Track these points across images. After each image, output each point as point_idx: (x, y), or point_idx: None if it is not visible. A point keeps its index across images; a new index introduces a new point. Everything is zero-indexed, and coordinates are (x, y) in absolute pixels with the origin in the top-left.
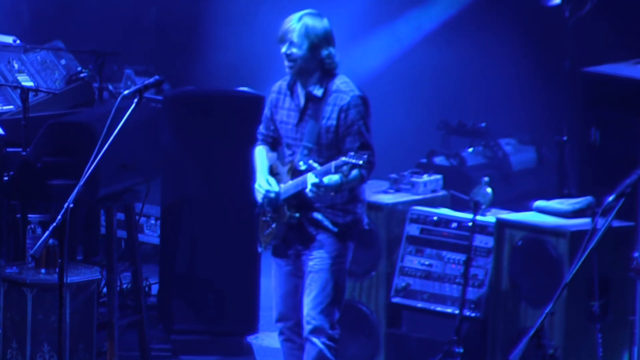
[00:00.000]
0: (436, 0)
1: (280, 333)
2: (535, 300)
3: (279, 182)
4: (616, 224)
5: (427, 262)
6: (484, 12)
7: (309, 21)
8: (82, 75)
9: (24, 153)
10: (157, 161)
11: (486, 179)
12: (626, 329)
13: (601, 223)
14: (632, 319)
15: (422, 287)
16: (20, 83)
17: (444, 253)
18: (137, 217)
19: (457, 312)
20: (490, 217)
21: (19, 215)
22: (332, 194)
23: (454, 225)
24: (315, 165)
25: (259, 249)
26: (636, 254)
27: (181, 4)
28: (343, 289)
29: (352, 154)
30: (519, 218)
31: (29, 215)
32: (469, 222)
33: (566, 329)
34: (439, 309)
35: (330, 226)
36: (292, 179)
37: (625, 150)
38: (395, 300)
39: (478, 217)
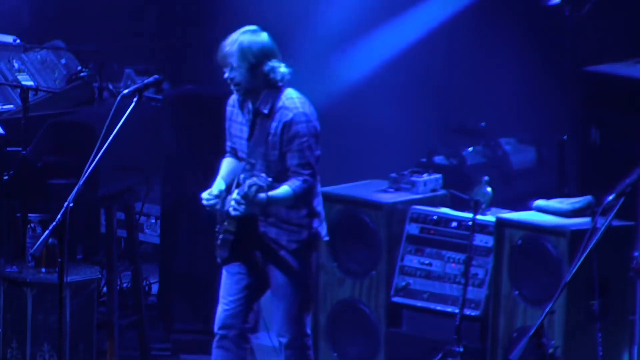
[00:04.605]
0: None
1: (218, 341)
2: (535, 300)
3: (230, 194)
4: (616, 223)
5: (427, 262)
6: (484, 11)
7: (245, 41)
8: (82, 74)
9: (24, 152)
10: (157, 160)
11: (486, 178)
12: (626, 328)
13: (601, 222)
14: (632, 318)
15: (422, 287)
16: (20, 82)
17: (444, 252)
18: (137, 217)
19: (457, 311)
20: (490, 217)
21: (19, 215)
22: (275, 208)
23: (454, 224)
24: (258, 179)
25: (218, 260)
26: (636, 254)
27: (181, 3)
28: (309, 297)
29: (262, 175)
30: (518, 217)
31: (29, 215)
32: (469, 221)
33: (566, 328)
34: (439, 308)
35: (286, 245)
36: None
37: (625, 149)
38: (396, 299)
39: (478, 217)
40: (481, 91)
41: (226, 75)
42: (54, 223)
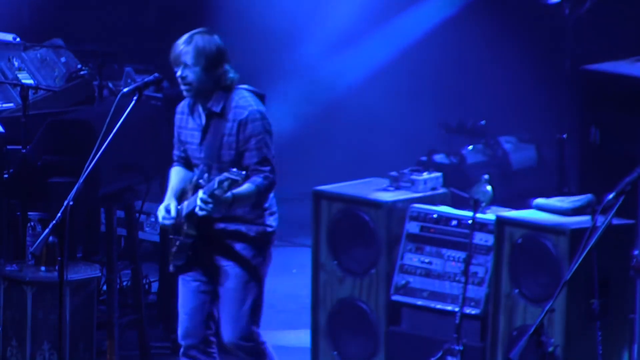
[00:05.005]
0: None
1: (185, 352)
2: (535, 298)
3: (186, 199)
4: (616, 222)
5: (427, 260)
6: (484, 10)
7: (200, 41)
8: (82, 73)
9: (24, 151)
10: (157, 159)
11: (486, 176)
12: (626, 327)
13: (601, 221)
14: (632, 317)
15: (422, 285)
16: (20, 81)
17: (443, 251)
18: (137, 215)
19: (457, 309)
20: (490, 215)
21: (18, 213)
22: (233, 207)
23: (454, 223)
24: (230, 174)
25: (170, 269)
26: (636, 252)
27: (181, 3)
28: (260, 303)
29: (234, 169)
30: (519, 216)
31: (29, 213)
32: (469, 220)
33: (566, 327)
34: (439, 306)
35: (246, 232)
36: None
37: (625, 148)
38: (395, 298)
39: (478, 215)
40: (481, 90)
41: (178, 73)
42: (54, 222)
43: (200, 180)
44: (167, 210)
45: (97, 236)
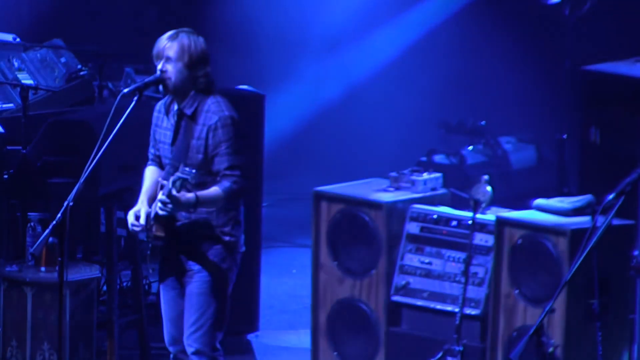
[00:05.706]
0: None
1: (175, 357)
2: (535, 299)
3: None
4: (616, 222)
5: (427, 261)
6: (484, 10)
7: (186, 39)
8: (82, 73)
9: (24, 151)
10: None
11: (486, 177)
12: (626, 327)
13: (601, 221)
14: (632, 317)
15: (422, 286)
16: (20, 81)
17: (443, 251)
18: None
19: (457, 310)
20: (490, 216)
21: (18, 214)
22: (192, 210)
23: (454, 223)
24: (181, 172)
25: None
26: (636, 253)
27: (181, 3)
28: (224, 311)
29: (186, 168)
30: (518, 216)
31: (29, 214)
32: (469, 220)
33: (566, 327)
34: (439, 307)
35: (206, 251)
36: None
37: (625, 148)
38: (395, 298)
39: (478, 216)
40: (481, 90)
41: (159, 67)
42: (54, 222)
43: (164, 181)
44: (137, 217)
45: (97, 236)
